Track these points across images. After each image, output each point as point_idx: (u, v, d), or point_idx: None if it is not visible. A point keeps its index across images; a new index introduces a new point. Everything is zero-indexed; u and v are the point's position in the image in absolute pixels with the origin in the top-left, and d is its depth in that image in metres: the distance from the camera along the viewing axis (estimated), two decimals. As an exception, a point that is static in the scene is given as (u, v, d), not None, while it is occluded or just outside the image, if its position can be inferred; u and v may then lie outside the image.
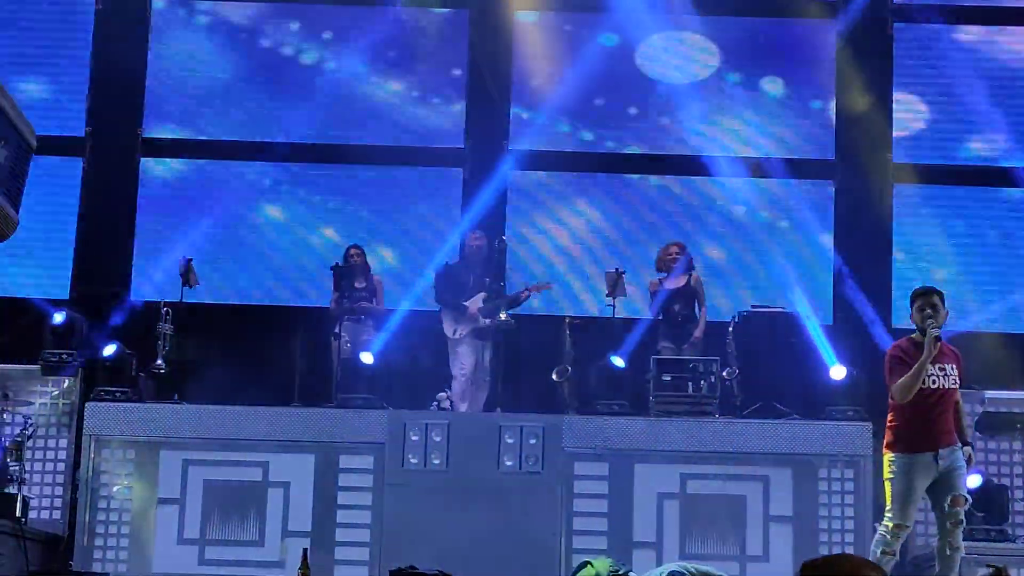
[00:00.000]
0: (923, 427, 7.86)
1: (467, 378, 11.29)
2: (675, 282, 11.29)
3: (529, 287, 11.46)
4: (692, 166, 12.63)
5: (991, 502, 10.00)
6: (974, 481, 9.99)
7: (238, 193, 12.67)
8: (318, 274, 12.20)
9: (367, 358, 10.97)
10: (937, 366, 7.87)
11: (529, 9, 12.87)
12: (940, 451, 7.83)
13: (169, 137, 12.73)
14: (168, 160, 12.72)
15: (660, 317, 11.29)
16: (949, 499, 7.82)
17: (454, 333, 11.37)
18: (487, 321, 11.23)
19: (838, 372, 10.70)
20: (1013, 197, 12.59)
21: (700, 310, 11.31)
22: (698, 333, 11.21)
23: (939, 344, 7.86)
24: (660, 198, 12.65)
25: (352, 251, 11.63)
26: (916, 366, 7.79)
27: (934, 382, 7.87)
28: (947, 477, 7.84)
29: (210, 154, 12.78)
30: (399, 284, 12.16)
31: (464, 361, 11.33)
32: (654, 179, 12.72)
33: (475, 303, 11.31)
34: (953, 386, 7.92)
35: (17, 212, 2.83)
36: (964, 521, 7.90)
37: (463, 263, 11.59)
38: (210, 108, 12.79)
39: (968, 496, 7.93)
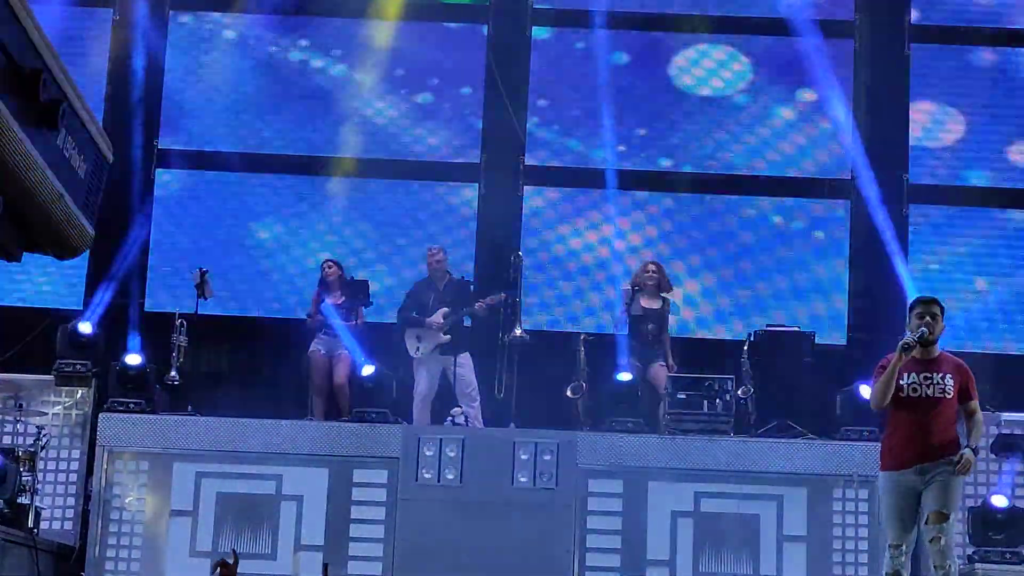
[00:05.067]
0: (905, 440, 7.29)
1: (421, 399, 11.16)
2: (650, 302, 11.26)
3: (483, 300, 11.36)
4: (709, 183, 12.61)
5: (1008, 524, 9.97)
6: (1000, 502, 9.97)
7: (253, 205, 12.66)
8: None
9: (368, 371, 10.91)
10: (922, 375, 7.28)
11: (545, 25, 12.88)
12: (923, 466, 7.22)
13: (184, 149, 12.72)
14: (183, 172, 12.71)
15: (627, 333, 11.20)
16: (927, 516, 7.17)
17: (416, 351, 11.28)
18: (447, 337, 11.15)
19: (865, 391, 10.63)
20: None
21: (664, 335, 11.25)
22: (671, 361, 11.12)
23: (936, 353, 7.34)
24: (676, 215, 12.62)
25: (326, 264, 11.54)
26: (887, 371, 7.22)
27: (915, 390, 7.26)
28: (929, 491, 7.20)
29: (225, 166, 12.76)
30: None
31: (419, 382, 11.22)
32: (670, 196, 12.68)
33: (436, 318, 11.21)
34: (940, 396, 7.25)
35: (93, 226, 2.82)
36: (944, 539, 7.13)
37: (426, 281, 11.54)
38: (225, 121, 12.78)
39: (948, 512, 7.15)
